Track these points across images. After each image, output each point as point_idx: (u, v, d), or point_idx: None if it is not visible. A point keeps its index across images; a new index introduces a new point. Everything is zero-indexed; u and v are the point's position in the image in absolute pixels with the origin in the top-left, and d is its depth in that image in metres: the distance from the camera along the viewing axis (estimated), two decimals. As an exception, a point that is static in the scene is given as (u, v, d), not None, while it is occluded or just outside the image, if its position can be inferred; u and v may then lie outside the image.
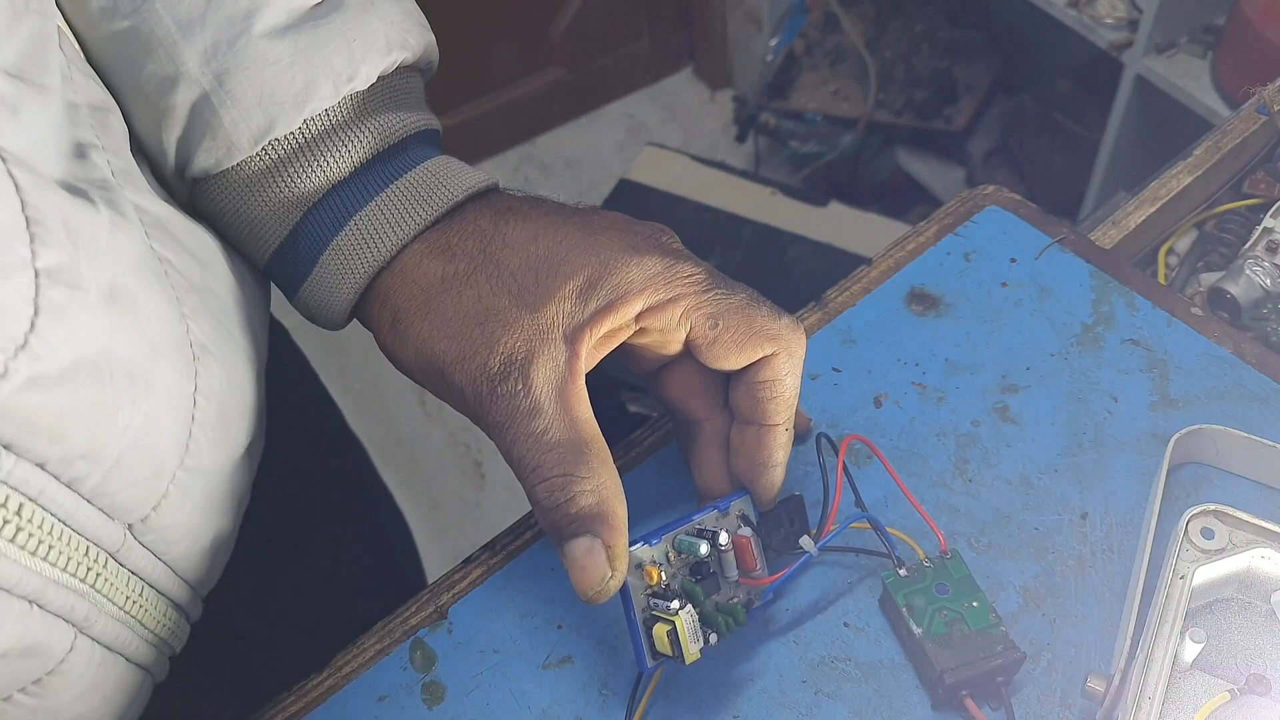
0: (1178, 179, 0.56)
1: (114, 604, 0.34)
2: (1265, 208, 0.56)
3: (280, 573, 0.55)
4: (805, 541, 0.42)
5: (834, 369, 0.51)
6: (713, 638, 0.39)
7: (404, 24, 0.42)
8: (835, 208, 1.16)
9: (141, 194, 0.37)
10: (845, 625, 0.43)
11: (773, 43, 1.82)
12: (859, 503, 0.45)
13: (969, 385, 0.50)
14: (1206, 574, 0.41)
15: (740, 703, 0.42)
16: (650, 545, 0.40)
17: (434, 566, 0.65)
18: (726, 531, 0.41)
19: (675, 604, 0.38)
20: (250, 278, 0.43)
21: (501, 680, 0.43)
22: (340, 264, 0.40)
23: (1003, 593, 0.44)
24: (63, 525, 0.31)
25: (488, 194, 0.42)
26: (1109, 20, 1.38)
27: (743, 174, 1.23)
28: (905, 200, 1.78)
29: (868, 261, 0.54)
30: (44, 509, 0.31)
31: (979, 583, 0.42)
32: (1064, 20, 1.40)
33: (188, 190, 0.42)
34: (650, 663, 0.39)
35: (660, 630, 0.38)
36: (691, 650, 0.38)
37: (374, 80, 0.41)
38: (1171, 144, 0.64)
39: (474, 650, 0.44)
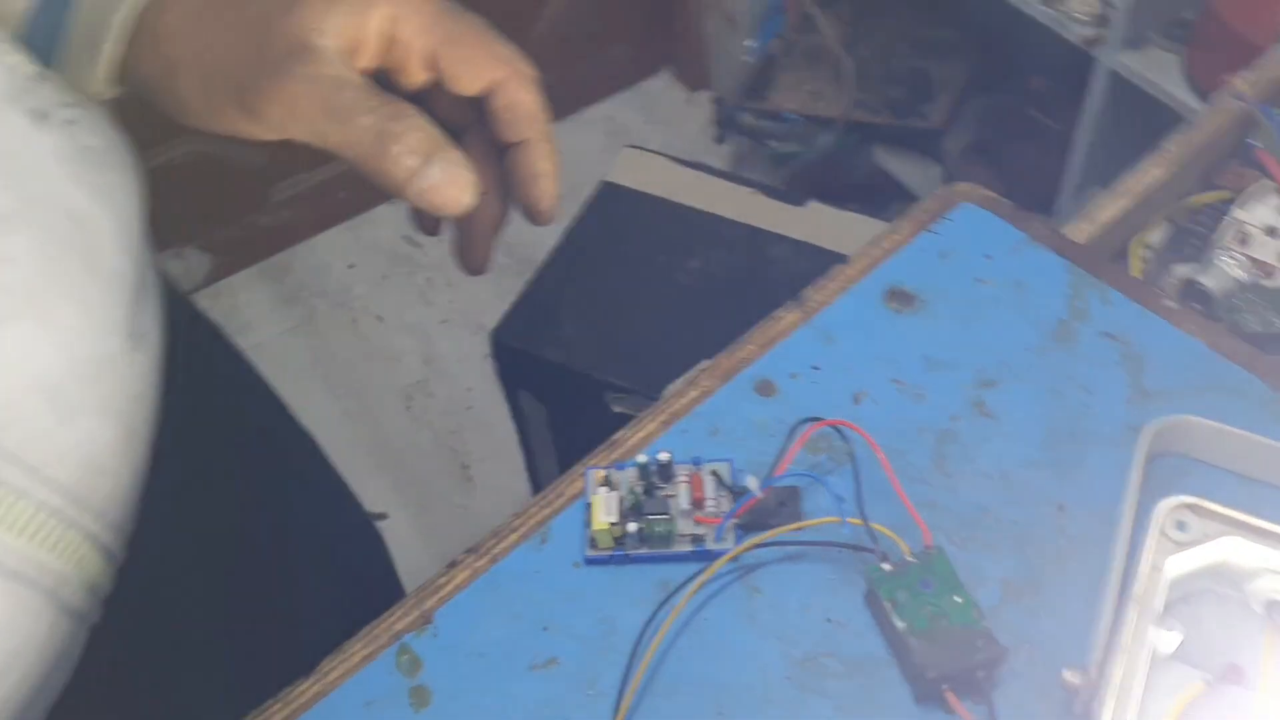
0: (1150, 172, 0.57)
1: None
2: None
3: (232, 562, 0.54)
4: (750, 481, 0.45)
5: (813, 367, 0.51)
6: (631, 526, 0.45)
7: None
8: (814, 207, 1.15)
9: None
10: (828, 621, 0.44)
11: (751, 44, 1.83)
12: (860, 501, 0.45)
13: (947, 381, 0.50)
14: (1182, 566, 0.41)
15: (724, 699, 0.42)
16: (620, 470, 0.47)
17: (421, 570, 0.65)
18: (685, 468, 0.47)
19: (604, 488, 0.46)
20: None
21: (489, 683, 0.43)
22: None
23: (983, 586, 0.44)
24: None
25: None
26: (1081, 16, 1.38)
27: (723, 175, 1.23)
28: (884, 198, 1.79)
29: (846, 260, 0.55)
30: None
31: (960, 577, 0.43)
32: (1037, 16, 1.41)
33: None
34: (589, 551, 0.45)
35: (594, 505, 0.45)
36: (600, 520, 0.44)
37: None
38: (1145, 138, 0.65)
39: (460, 653, 0.44)
